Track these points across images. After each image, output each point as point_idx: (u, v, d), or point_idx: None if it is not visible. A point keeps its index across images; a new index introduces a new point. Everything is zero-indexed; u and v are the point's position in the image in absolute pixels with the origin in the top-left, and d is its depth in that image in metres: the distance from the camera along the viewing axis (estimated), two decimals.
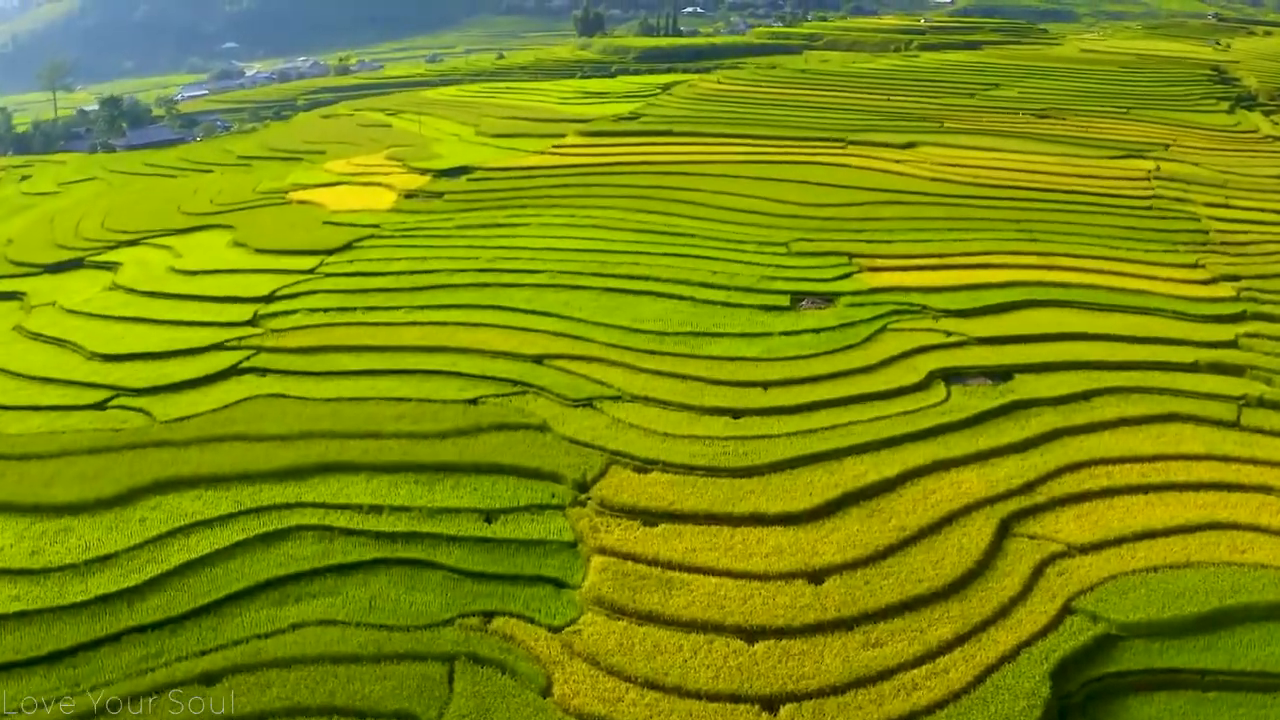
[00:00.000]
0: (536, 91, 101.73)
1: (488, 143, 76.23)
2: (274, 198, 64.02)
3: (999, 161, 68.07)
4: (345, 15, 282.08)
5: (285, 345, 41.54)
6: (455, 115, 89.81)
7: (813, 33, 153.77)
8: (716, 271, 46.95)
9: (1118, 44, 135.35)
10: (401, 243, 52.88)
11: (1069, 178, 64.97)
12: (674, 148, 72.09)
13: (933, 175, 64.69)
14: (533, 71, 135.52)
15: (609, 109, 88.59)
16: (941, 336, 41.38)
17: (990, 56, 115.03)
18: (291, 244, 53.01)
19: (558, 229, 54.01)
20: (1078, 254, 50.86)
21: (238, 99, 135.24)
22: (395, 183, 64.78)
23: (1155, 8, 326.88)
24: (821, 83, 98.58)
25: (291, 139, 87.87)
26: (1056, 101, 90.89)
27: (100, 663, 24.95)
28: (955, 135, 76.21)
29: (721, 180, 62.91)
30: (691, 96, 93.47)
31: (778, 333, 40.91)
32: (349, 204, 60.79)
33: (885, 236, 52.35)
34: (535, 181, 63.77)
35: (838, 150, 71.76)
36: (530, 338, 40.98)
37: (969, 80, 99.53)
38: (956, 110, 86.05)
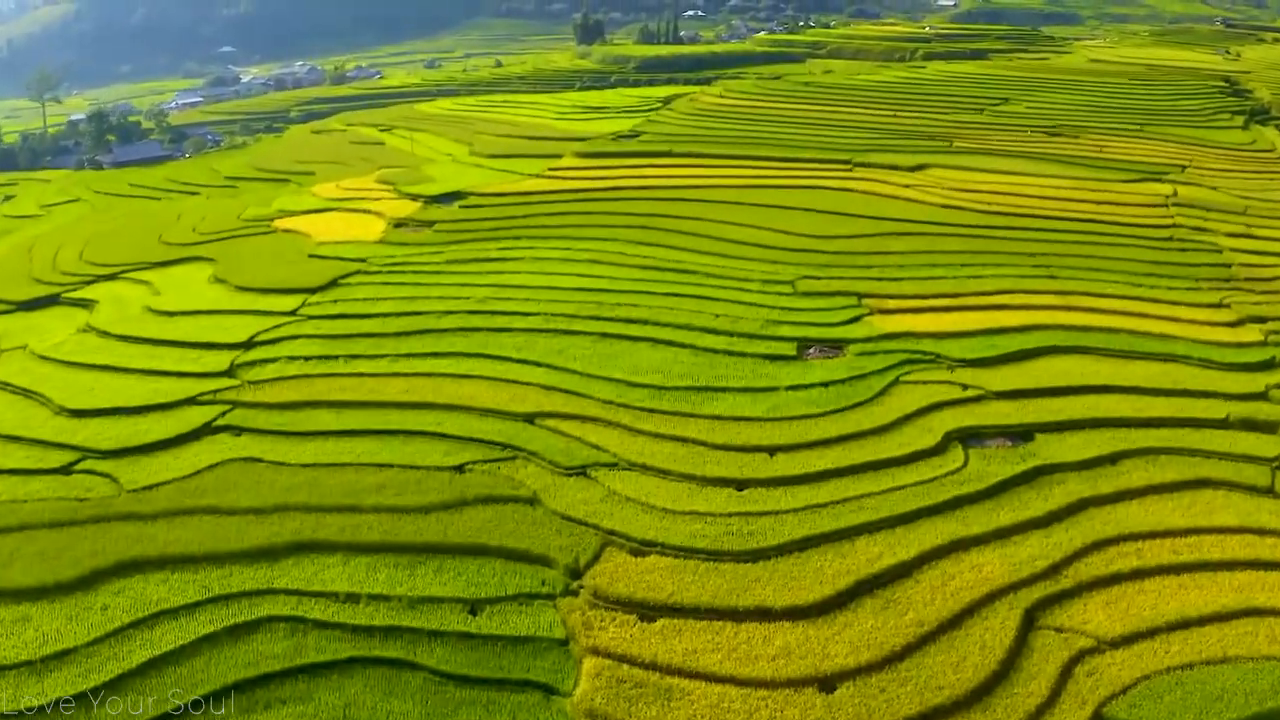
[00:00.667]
0: (533, 105, 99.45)
1: (482, 164, 73.95)
2: (259, 226, 61.78)
3: (1012, 186, 65.76)
4: (343, 19, 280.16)
5: (262, 400, 39.29)
6: (449, 132, 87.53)
7: (816, 40, 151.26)
8: (719, 315, 44.68)
9: (1127, 53, 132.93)
10: (389, 279, 50.62)
11: (1085, 204, 62.68)
12: (674, 170, 69.80)
13: (943, 201, 62.41)
14: (531, 82, 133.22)
15: (607, 126, 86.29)
16: (958, 390, 39.10)
17: (998, 68, 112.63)
18: (274, 281, 50.75)
19: (553, 264, 51.74)
20: (1098, 292, 48.62)
21: (230, 110, 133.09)
22: (385, 209, 62.52)
23: (1159, 10, 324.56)
24: (826, 97, 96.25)
25: (280, 158, 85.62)
26: (1068, 117, 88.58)
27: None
28: (965, 156, 73.91)
29: (724, 207, 60.65)
30: (692, 112, 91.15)
31: (784, 387, 38.61)
32: (336, 234, 58.54)
33: (895, 273, 50.06)
34: (530, 209, 61.49)
35: (844, 172, 69.50)
36: (521, 392, 38.73)
37: (977, 94, 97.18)
38: (965, 128, 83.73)
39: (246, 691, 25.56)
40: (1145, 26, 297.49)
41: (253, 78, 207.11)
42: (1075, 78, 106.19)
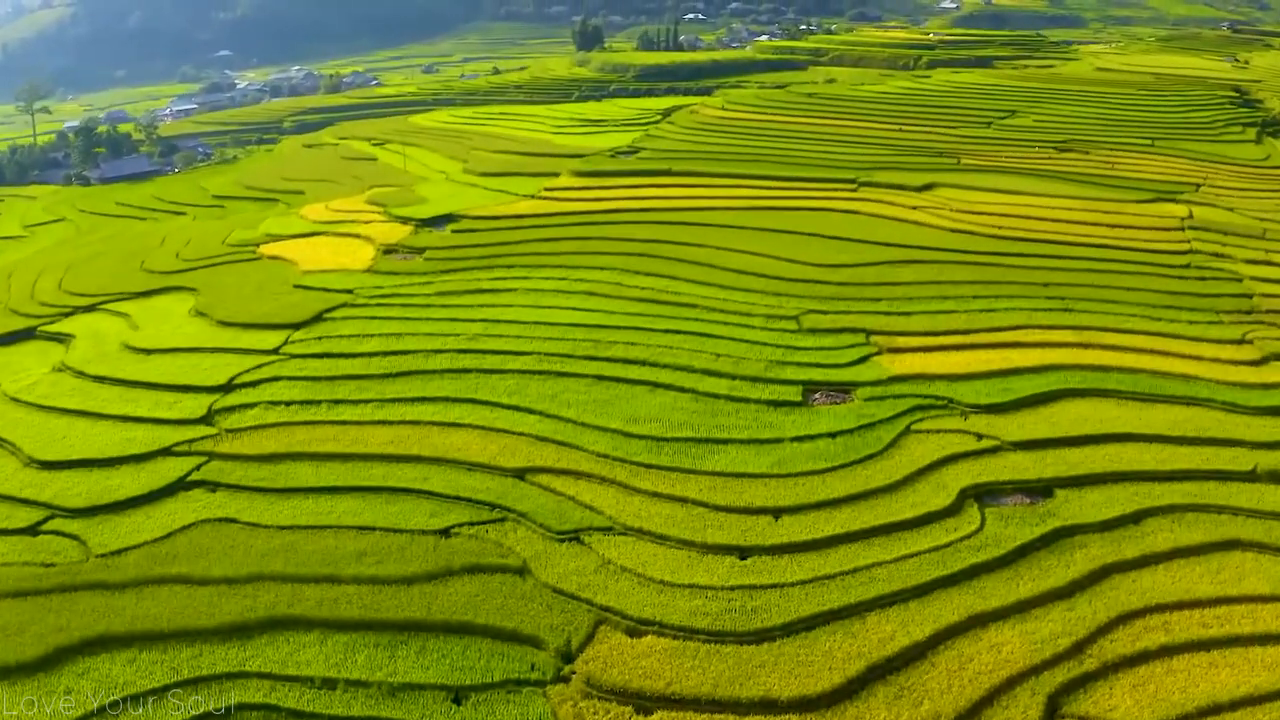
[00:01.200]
0: (530, 119, 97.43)
1: (476, 183, 72.00)
2: (244, 252, 59.90)
3: (1023, 207, 63.79)
4: (340, 22, 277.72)
5: (240, 451, 37.39)
6: (443, 148, 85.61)
7: (818, 47, 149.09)
8: (720, 355, 42.72)
9: (1134, 61, 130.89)
10: (376, 313, 48.68)
11: (1099, 228, 60.72)
12: (674, 190, 67.88)
13: (952, 225, 60.48)
14: (528, 91, 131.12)
15: (605, 141, 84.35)
16: (972, 441, 37.16)
17: (1004, 78, 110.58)
18: (256, 315, 48.82)
19: (547, 296, 49.82)
20: (1115, 327, 46.67)
21: (222, 120, 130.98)
22: (374, 234, 60.59)
23: (1163, 13, 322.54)
24: (829, 109, 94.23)
25: (270, 175, 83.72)
26: (1076, 131, 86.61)
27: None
28: (973, 174, 71.96)
29: (725, 232, 58.74)
30: (693, 125, 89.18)
31: (789, 438, 36.68)
32: (323, 261, 56.62)
33: (904, 307, 48.10)
34: (524, 234, 59.58)
35: (849, 192, 67.56)
36: (512, 443, 36.82)
37: (984, 106, 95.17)
38: (973, 143, 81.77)
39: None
40: (1148, 29, 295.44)
41: (248, 84, 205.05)
42: (1083, 88, 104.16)
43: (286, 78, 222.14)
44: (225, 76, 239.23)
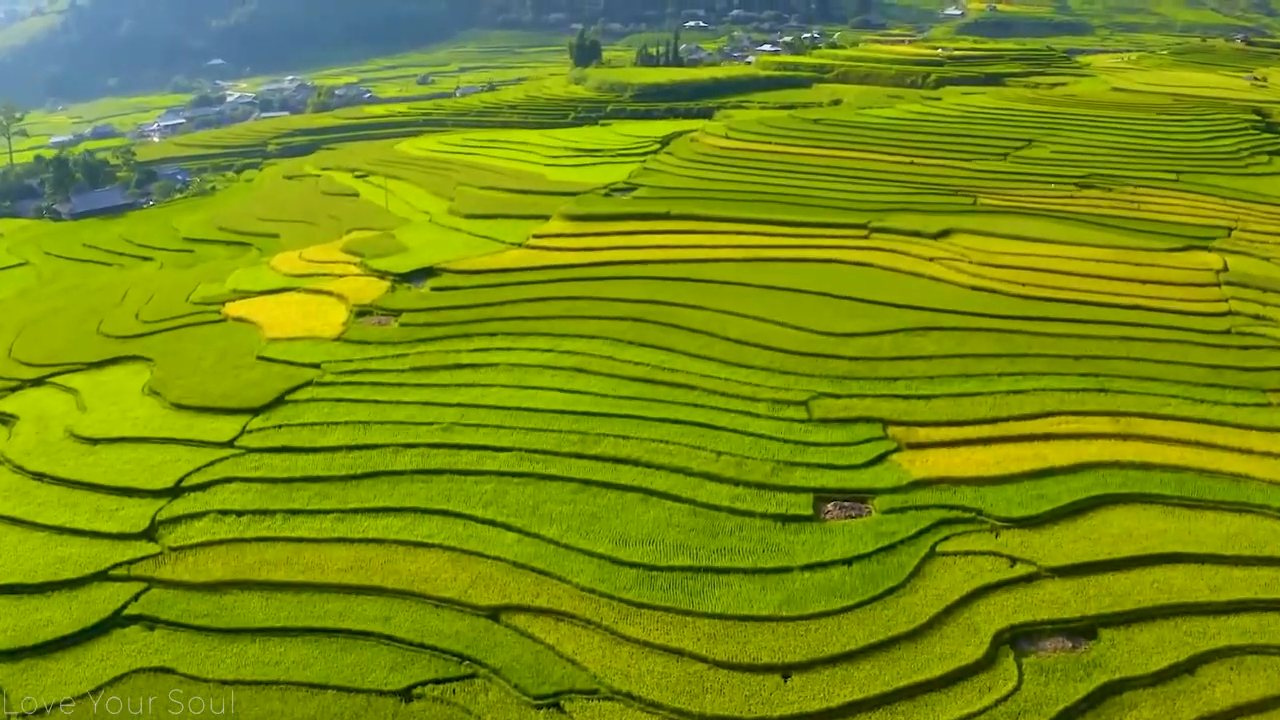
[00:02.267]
0: (522, 148, 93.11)
1: (460, 226, 67.81)
2: (208, 312, 55.77)
3: (1046, 259, 59.42)
4: (335, 30, 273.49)
5: (183, 578, 33.29)
6: (429, 182, 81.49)
7: (822, 64, 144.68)
8: (722, 453, 38.52)
9: (1150, 80, 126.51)
10: (343, 395, 44.51)
11: (1130, 284, 56.39)
12: (672, 237, 63.65)
13: (972, 281, 56.24)
14: (523, 112, 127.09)
15: (601, 175, 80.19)
16: (1005, 566, 32.97)
17: (1017, 100, 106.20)
18: (213, 396, 44.67)
19: (531, 374, 45.65)
20: (1155, 412, 42.38)
21: (206, 142, 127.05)
22: (348, 291, 56.41)
23: (1170, 19, 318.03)
24: (837, 138, 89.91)
25: (245, 214, 79.68)
26: (1097, 163, 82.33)
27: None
28: (992, 217, 67.67)
29: (727, 291, 54.53)
30: (693, 157, 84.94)
31: (799, 567, 32.50)
32: (291, 325, 52.44)
33: (924, 387, 43.88)
34: (509, 292, 55.38)
35: (860, 239, 63.35)
36: (486, 571, 32.68)
37: (998, 135, 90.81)
38: (989, 178, 77.49)
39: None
40: (1156, 37, 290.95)
41: (238, 96, 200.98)
42: (1099, 113, 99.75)
43: (279, 88, 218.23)
44: (217, 87, 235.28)
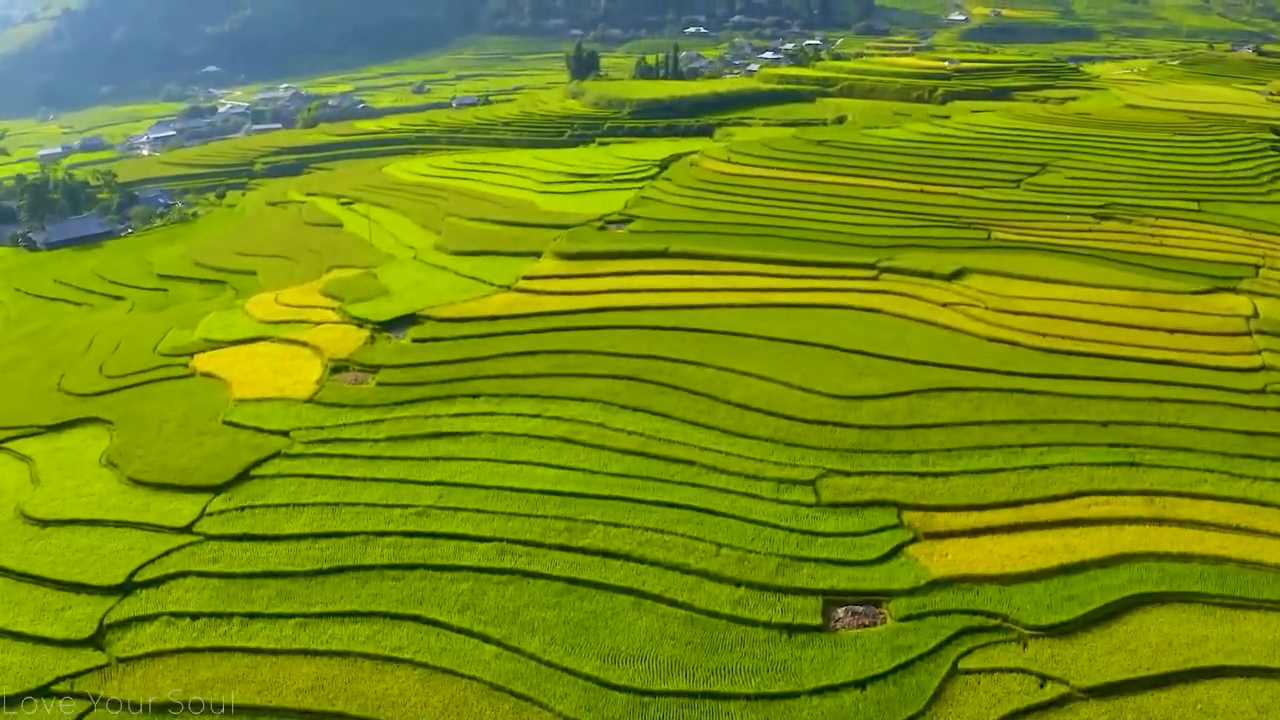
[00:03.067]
0: (514, 171, 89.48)
1: (446, 265, 64.28)
2: (175, 365, 52.35)
3: (1067, 305, 55.95)
4: (331, 36, 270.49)
5: (129, 697, 29.93)
6: (416, 211, 78.03)
7: (826, 77, 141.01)
8: (723, 546, 35.03)
9: (1163, 95, 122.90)
10: (312, 470, 41.00)
11: (1156, 334, 52.91)
12: (670, 279, 60.12)
13: (989, 330, 52.74)
14: (517, 130, 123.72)
15: (596, 205, 76.58)
16: (1033, 686, 29.52)
17: (1028, 119, 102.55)
18: (174, 470, 41.22)
19: (516, 445, 42.16)
20: (1190, 491, 38.92)
21: (192, 160, 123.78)
22: (324, 342, 52.91)
23: (1176, 24, 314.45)
24: (843, 162, 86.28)
25: (222, 248, 76.38)
26: (1114, 191, 78.78)
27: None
28: (1007, 254, 64.11)
29: (728, 344, 51.04)
30: (692, 185, 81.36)
31: (807, 691, 29.04)
32: (261, 383, 48.96)
33: (941, 462, 40.38)
34: (494, 345, 51.83)
35: (869, 280, 59.84)
36: (460, 694, 29.24)
37: (1010, 159, 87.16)
38: (1002, 208, 73.92)
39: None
40: (1162, 42, 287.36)
41: (230, 106, 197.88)
42: (1114, 134, 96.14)
43: (273, 97, 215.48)
44: (210, 95, 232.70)
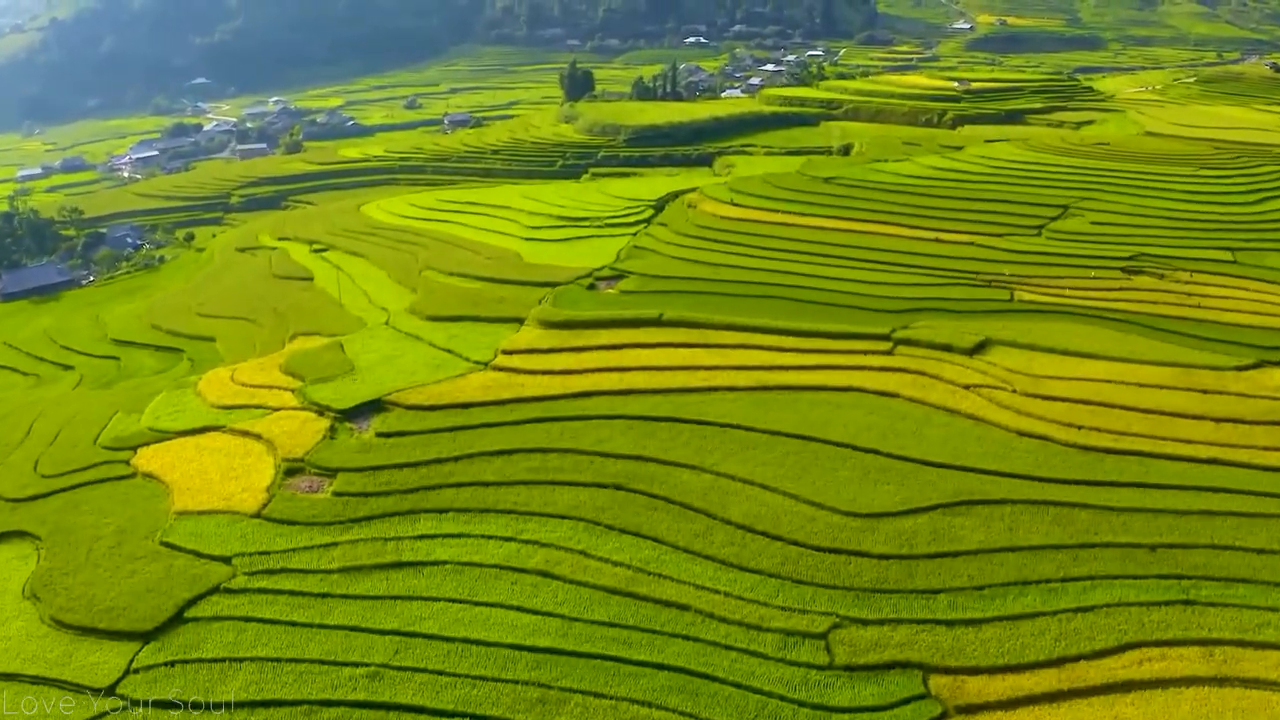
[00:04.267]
0: (500, 214, 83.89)
1: (419, 334, 58.91)
2: (116, 462, 47.14)
3: (1100, 386, 50.54)
4: (323, 48, 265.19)
5: None
6: (392, 262, 72.88)
7: (831, 98, 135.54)
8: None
9: (1181, 118, 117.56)
10: (254, 612, 35.71)
11: (1199, 422, 47.53)
12: (663, 353, 54.78)
13: (1018, 422, 47.38)
14: (506, 158, 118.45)
15: (585, 254, 71.39)
16: None
17: (1044, 151, 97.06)
18: (102, 606, 36.08)
19: (486, 581, 36.84)
20: (1252, 639, 33.68)
21: (167, 191, 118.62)
22: (280, 435, 47.58)
23: (1184, 31, 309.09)
24: (851, 203, 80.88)
25: (182, 306, 71.45)
26: (1141, 238, 73.57)
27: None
28: (1032, 320, 58.77)
29: (729, 439, 45.73)
30: (689, 231, 76.09)
31: None
32: (206, 490, 43.67)
33: (972, 604, 35.10)
34: (467, 441, 46.41)
35: (883, 356, 54.48)
36: None
37: (1029, 199, 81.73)
38: (1024, 261, 68.57)
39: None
40: (1171, 51, 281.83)
41: (215, 124, 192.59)
42: (1136, 170, 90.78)
43: (262, 112, 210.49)
44: (198, 109, 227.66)
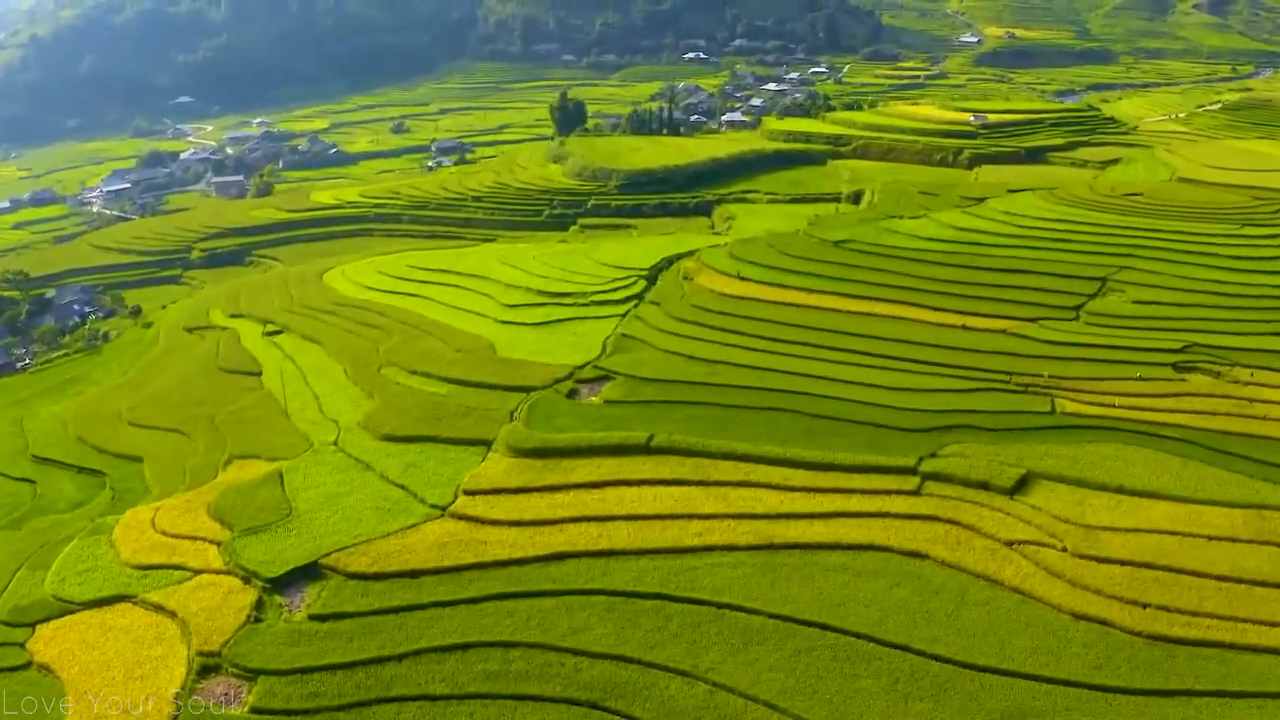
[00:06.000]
0: (476, 285, 75.85)
1: (372, 463, 50.79)
2: (10, 644, 39.84)
3: (1164, 540, 42.49)
4: (310, 65, 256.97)
5: None
6: (350, 351, 65.59)
7: (838, 133, 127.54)
8: None
9: (1212, 158, 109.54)
10: None
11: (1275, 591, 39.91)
12: (651, 493, 46.91)
13: (1072, 599, 39.49)
14: (489, 207, 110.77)
15: (566, 344, 63.74)
16: None
17: (1073, 205, 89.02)
18: None
19: None
20: None
21: (125, 243, 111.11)
22: (197, 615, 39.84)
23: (1196, 43, 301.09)
24: (866, 276, 72.63)
25: (116, 409, 63.78)
26: (1188, 319, 65.72)
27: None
28: (1079, 442, 50.55)
29: (725, 629, 37.91)
30: (685, 315, 68.18)
31: None
32: (107, 690, 36.34)
33: None
34: (416, 630, 38.55)
35: (909, 498, 46.52)
36: None
37: (1061, 271, 73.55)
38: (1062, 353, 60.68)
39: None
40: (1184, 65, 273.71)
41: (191, 152, 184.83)
42: (1173, 228, 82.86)
43: (244, 136, 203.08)
44: (179, 133, 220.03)
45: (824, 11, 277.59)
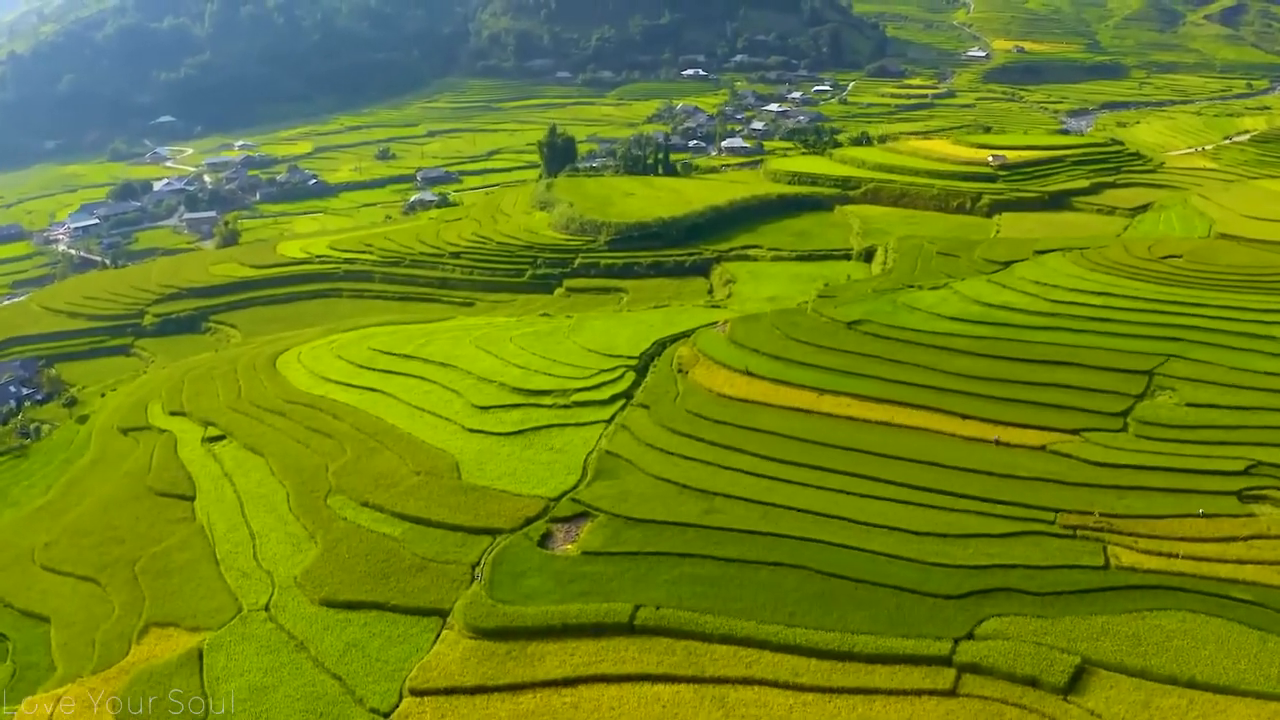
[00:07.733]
0: (443, 378, 67.69)
1: (306, 640, 42.87)
2: None
3: None
4: (297, 83, 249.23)
5: None
6: (296, 467, 57.84)
7: (847, 175, 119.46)
8: None
9: (1249, 204, 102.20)
10: None
11: None
12: (634, 701, 39.04)
13: None
14: (468, 265, 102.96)
15: (540, 464, 55.91)
16: None
17: (1109, 273, 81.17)
18: None
19: None
20: None
21: (74, 306, 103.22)
22: None
23: (1209, 56, 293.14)
24: (883, 370, 64.87)
25: (28, 545, 55.81)
26: (1250, 430, 57.88)
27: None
28: (1139, 612, 42.70)
29: None
30: (678, 425, 60.22)
31: None
32: None
33: None
34: None
35: (943, 696, 38.73)
36: None
37: (1101, 359, 65.68)
38: (1113, 485, 52.66)
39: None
40: (1197, 80, 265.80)
41: (165, 183, 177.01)
42: (1222, 303, 75.02)
43: (224, 161, 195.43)
44: (157, 156, 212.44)
45: (828, 25, 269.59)
